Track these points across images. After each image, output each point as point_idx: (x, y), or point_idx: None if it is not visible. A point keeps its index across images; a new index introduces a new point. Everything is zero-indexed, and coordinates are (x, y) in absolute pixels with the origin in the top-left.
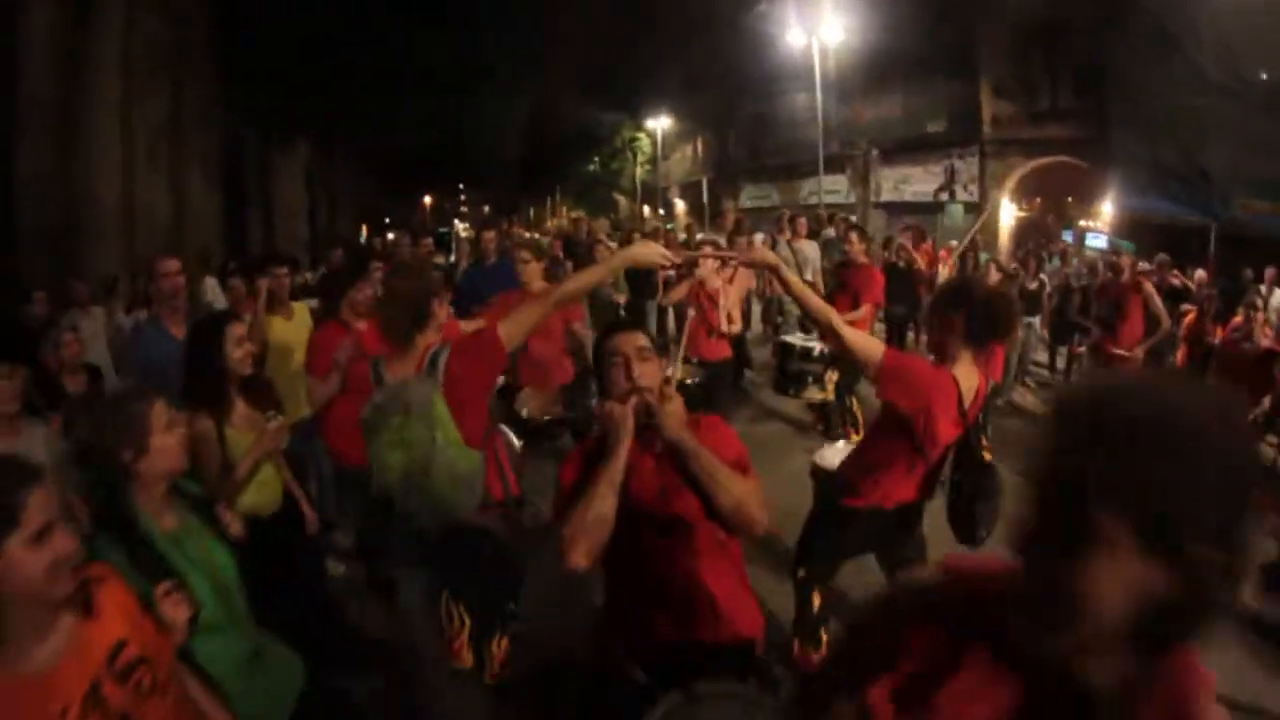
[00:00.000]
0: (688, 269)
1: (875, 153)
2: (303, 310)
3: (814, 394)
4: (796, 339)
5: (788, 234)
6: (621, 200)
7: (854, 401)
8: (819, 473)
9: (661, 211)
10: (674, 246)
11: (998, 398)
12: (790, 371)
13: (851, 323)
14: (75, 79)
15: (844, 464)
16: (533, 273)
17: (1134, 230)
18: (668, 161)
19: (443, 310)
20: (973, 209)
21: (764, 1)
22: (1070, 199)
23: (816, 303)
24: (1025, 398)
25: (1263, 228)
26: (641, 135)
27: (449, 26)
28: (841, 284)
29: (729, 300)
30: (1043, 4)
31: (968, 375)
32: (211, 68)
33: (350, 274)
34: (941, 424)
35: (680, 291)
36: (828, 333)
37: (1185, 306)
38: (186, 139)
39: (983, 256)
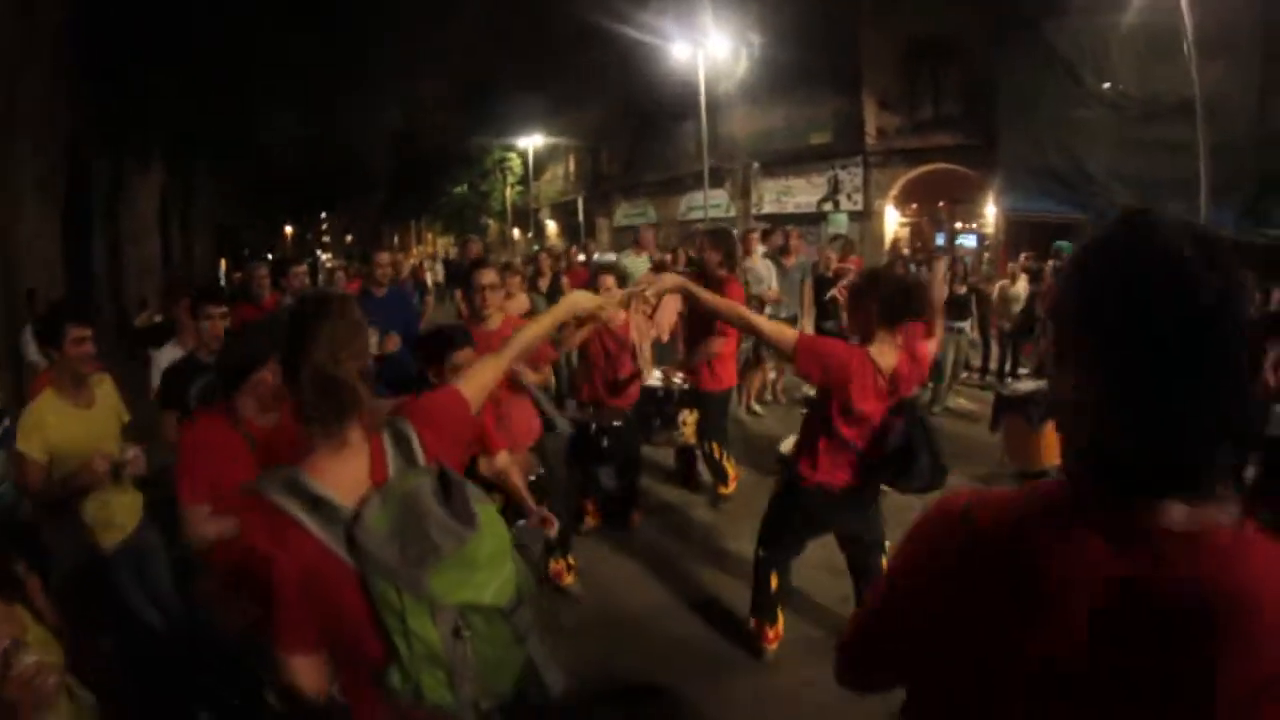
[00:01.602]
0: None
1: (756, 165)
2: (107, 390)
3: (675, 439)
4: (654, 379)
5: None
6: (491, 223)
7: (718, 450)
8: (782, 459)
9: (530, 235)
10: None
11: (935, 405)
12: (645, 415)
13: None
14: None
15: (794, 447)
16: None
17: (1016, 230)
18: (538, 181)
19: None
20: (856, 217)
21: (644, 14)
22: (944, 204)
23: (724, 305)
24: (959, 403)
25: None
26: (512, 155)
27: (318, 29)
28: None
29: (662, 316)
30: (930, 23)
31: (885, 354)
32: (54, 64)
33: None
34: (860, 398)
35: (580, 337)
36: (743, 328)
37: None
38: (17, 149)
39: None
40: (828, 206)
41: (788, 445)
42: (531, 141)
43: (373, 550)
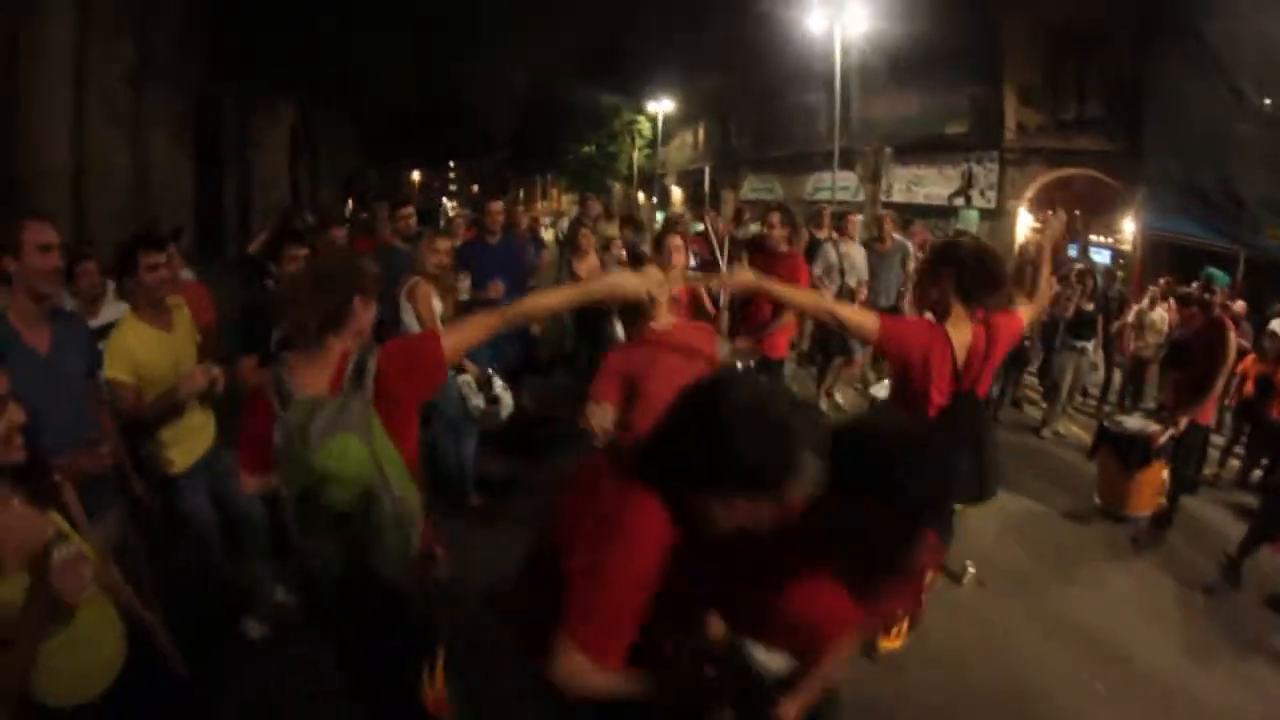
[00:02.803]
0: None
1: (888, 150)
2: (184, 315)
3: None
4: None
5: (830, 233)
6: (617, 186)
7: None
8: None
9: (655, 200)
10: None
11: (1045, 427)
12: None
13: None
14: (20, 15)
15: None
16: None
17: (1154, 250)
18: (667, 147)
19: (368, 314)
20: (988, 215)
21: None
22: (1080, 211)
23: (803, 298)
24: (1071, 429)
25: None
26: (641, 118)
27: None
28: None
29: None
30: (1077, 10)
31: (960, 330)
32: (184, 12)
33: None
34: (939, 374)
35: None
36: (825, 318)
37: (1241, 343)
38: (153, 93)
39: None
40: (959, 201)
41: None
42: (661, 106)
43: (290, 418)
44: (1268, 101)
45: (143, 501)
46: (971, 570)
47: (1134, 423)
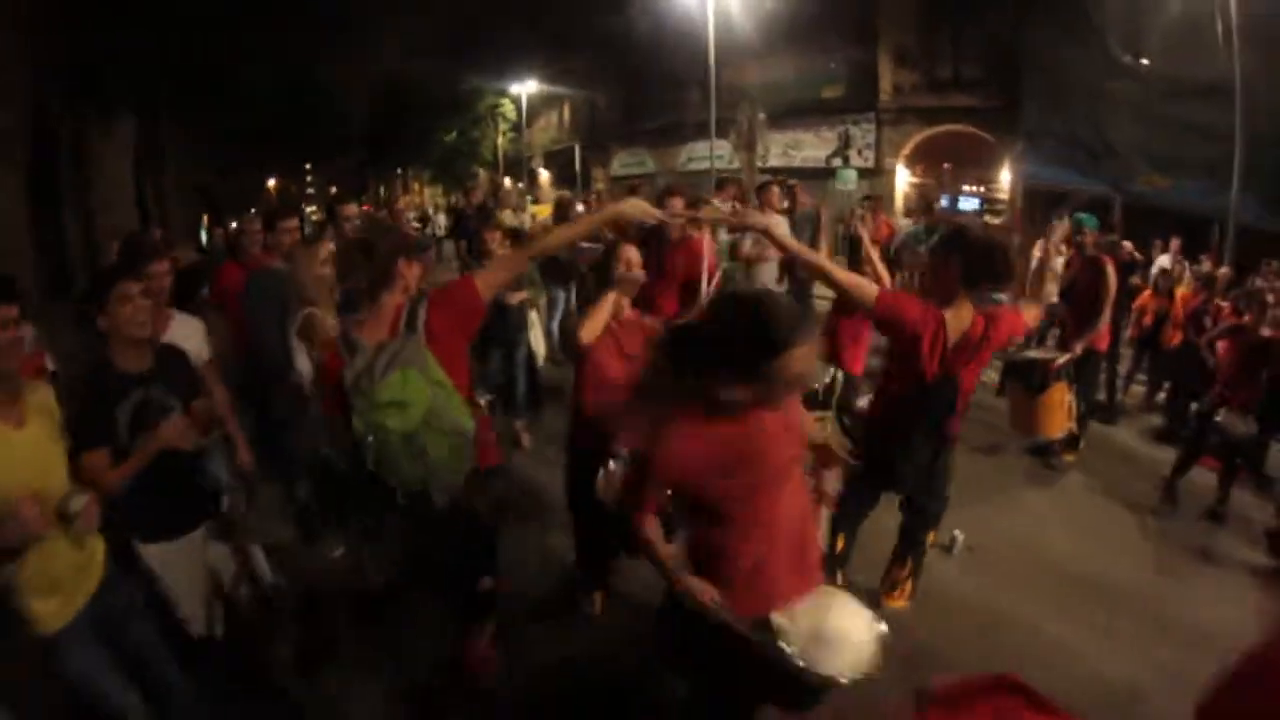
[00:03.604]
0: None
1: (763, 117)
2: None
3: None
4: None
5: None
6: (482, 172)
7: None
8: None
9: (522, 184)
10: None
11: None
12: None
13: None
14: None
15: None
16: None
17: (1031, 198)
18: (531, 129)
19: (412, 271)
20: (866, 175)
21: None
22: (948, 165)
23: (807, 256)
24: (989, 376)
25: (1160, 200)
26: (505, 101)
27: None
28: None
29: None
30: None
31: (960, 317)
32: (12, 15)
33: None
34: (927, 355)
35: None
36: (823, 280)
37: (1135, 281)
38: None
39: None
40: (837, 162)
41: (863, 403)
42: (525, 88)
43: (358, 361)
44: (1138, 59)
45: None
46: (960, 537)
47: (1035, 351)
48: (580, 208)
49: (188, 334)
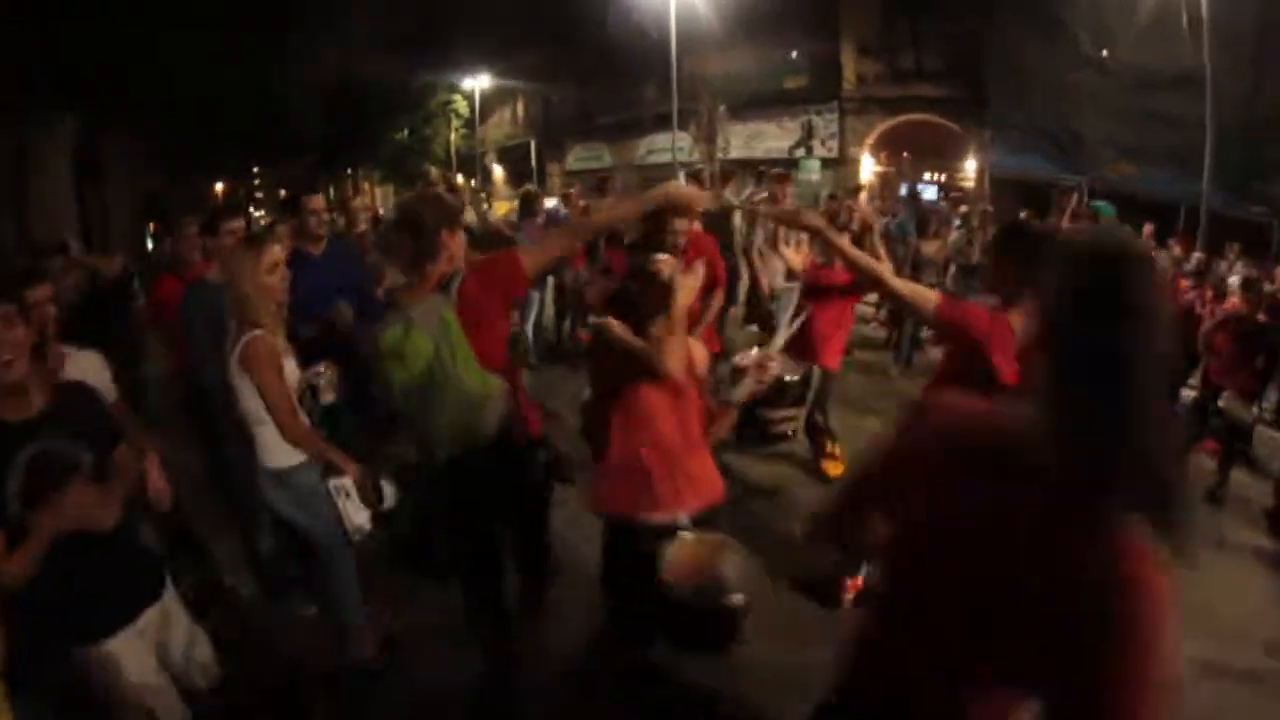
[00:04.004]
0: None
1: (723, 108)
2: None
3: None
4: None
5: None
6: (434, 171)
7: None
8: None
9: (475, 182)
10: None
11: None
12: None
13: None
14: None
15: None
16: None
17: (999, 186)
18: (485, 125)
19: (454, 241)
20: (830, 165)
21: None
22: (907, 155)
23: (865, 262)
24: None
25: (1127, 187)
26: (458, 97)
27: None
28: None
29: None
30: None
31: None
32: None
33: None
34: (1001, 368)
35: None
36: (878, 290)
37: None
38: None
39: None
40: (800, 152)
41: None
42: (479, 83)
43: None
44: (1104, 52)
45: None
46: None
47: None
48: (550, 202)
49: (84, 370)
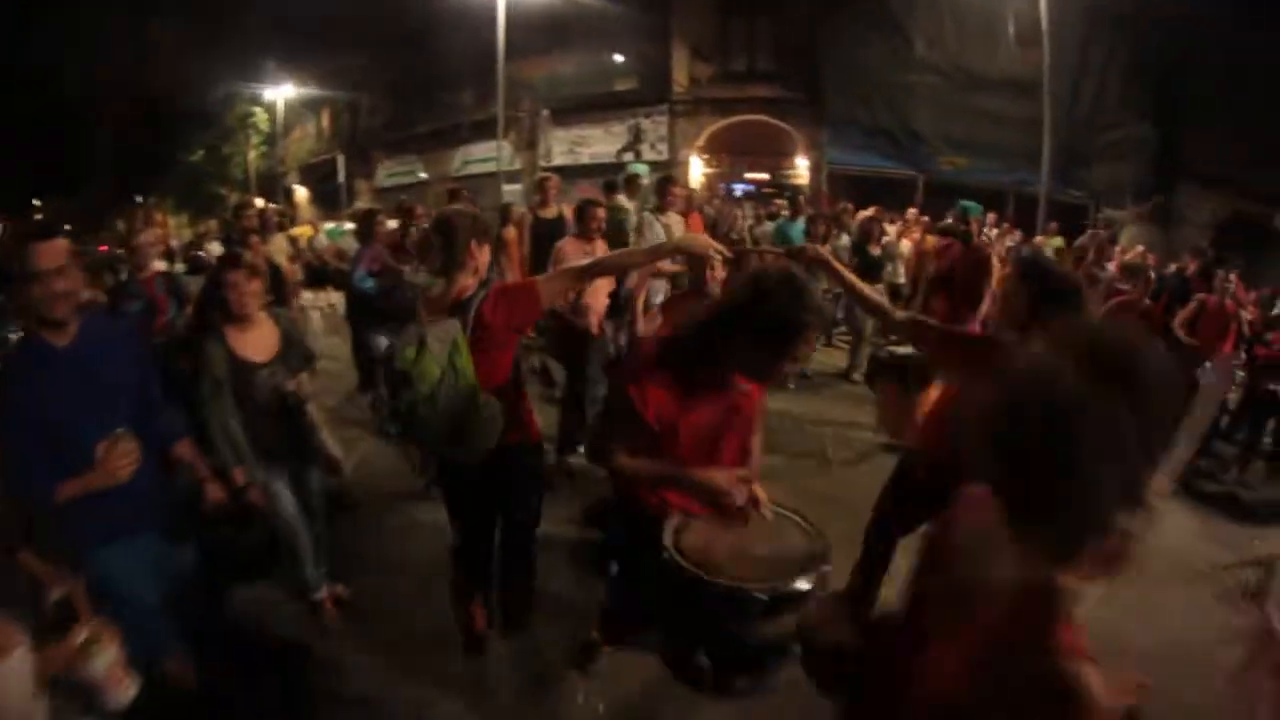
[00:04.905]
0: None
1: (546, 113)
2: None
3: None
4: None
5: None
6: (231, 195)
7: None
8: None
9: (278, 204)
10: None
11: (853, 371)
12: None
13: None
14: None
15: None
16: None
17: (834, 182)
18: (286, 140)
19: (482, 255)
20: (659, 168)
21: None
22: (726, 155)
23: (871, 299)
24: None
25: (960, 178)
26: (258, 110)
27: None
28: None
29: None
30: None
31: None
32: None
33: None
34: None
35: None
36: (879, 316)
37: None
38: None
39: None
40: (628, 156)
41: None
42: (281, 92)
43: (403, 334)
44: (935, 54)
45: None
46: None
47: (906, 349)
48: (392, 223)
49: None
